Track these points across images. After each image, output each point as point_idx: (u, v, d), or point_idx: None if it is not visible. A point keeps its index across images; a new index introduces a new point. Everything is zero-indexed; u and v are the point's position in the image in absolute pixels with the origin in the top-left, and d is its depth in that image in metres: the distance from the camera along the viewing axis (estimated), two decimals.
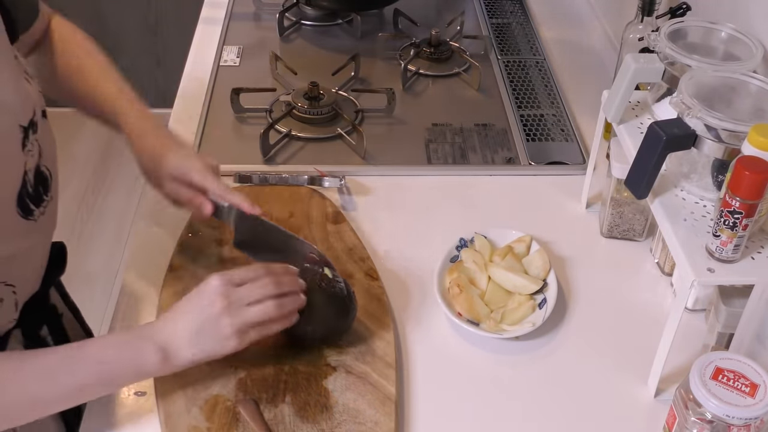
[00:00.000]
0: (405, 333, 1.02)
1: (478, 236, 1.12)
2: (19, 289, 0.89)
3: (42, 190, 0.90)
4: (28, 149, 0.86)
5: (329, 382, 0.93)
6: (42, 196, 0.90)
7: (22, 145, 0.84)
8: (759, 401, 0.79)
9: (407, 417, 0.92)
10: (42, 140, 0.89)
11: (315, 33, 1.69)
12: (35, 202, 0.88)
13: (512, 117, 1.42)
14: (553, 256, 1.12)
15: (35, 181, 0.88)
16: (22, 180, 0.85)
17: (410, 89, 1.51)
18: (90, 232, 2.64)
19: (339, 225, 1.15)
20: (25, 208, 0.86)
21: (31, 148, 0.87)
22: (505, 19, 1.74)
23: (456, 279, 1.05)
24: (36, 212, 0.88)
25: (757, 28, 1.05)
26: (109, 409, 0.92)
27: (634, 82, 1.02)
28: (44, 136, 0.90)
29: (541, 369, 0.99)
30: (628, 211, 1.14)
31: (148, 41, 2.81)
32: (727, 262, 0.86)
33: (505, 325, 1.02)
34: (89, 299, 1.17)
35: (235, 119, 1.40)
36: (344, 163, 1.30)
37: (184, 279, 1.05)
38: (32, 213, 0.88)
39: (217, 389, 0.92)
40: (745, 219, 0.82)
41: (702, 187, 0.95)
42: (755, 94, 0.94)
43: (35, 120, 0.87)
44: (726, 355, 0.83)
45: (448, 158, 1.33)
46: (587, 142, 1.36)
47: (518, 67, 1.57)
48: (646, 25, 1.24)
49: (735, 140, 0.88)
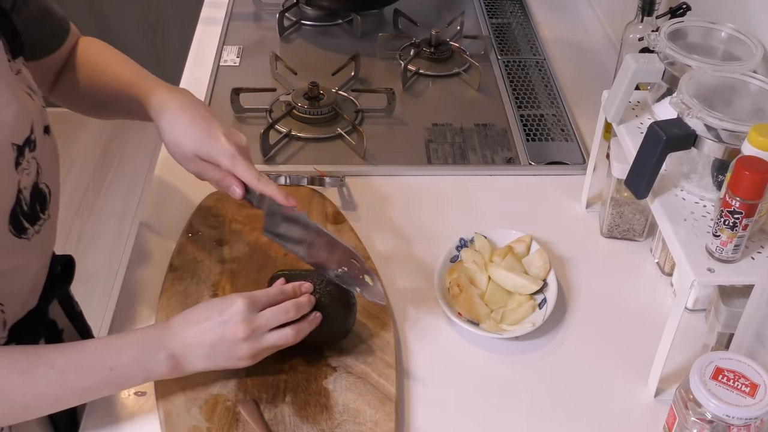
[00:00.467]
0: (405, 333, 1.02)
1: (478, 236, 1.12)
2: (7, 307, 0.87)
3: (39, 208, 0.87)
4: (22, 167, 0.83)
5: (329, 382, 0.93)
6: (38, 215, 0.87)
7: (16, 163, 0.82)
8: (759, 401, 0.79)
9: (407, 417, 0.92)
10: (41, 158, 0.87)
11: (315, 33, 1.69)
12: (30, 221, 0.86)
13: (512, 117, 1.42)
14: (553, 256, 1.12)
15: (31, 199, 0.86)
16: (16, 198, 0.83)
17: (410, 89, 1.51)
18: (90, 232, 2.64)
19: (339, 225, 1.15)
20: (18, 227, 0.84)
21: (27, 166, 0.84)
22: (505, 19, 1.74)
23: (456, 279, 1.05)
24: (30, 231, 0.86)
25: (757, 28, 1.05)
26: (109, 409, 0.92)
27: (634, 82, 1.02)
28: (44, 153, 0.87)
29: (541, 369, 0.99)
30: (628, 211, 1.14)
31: (148, 41, 2.81)
32: (727, 262, 0.86)
33: (505, 325, 1.02)
34: (89, 299, 1.17)
35: (235, 119, 1.40)
36: (344, 163, 1.30)
37: (184, 279, 1.05)
38: (26, 231, 0.85)
39: (217, 389, 0.92)
40: (745, 219, 0.82)
41: (702, 187, 0.95)
42: (755, 94, 0.94)
43: (33, 138, 0.84)
44: (726, 355, 0.83)
45: (448, 158, 1.33)
46: (587, 142, 1.36)
47: (518, 67, 1.57)
48: (646, 25, 1.24)
49: (735, 140, 0.88)
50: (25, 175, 0.84)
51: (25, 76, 0.88)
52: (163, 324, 0.89)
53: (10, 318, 0.88)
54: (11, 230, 0.83)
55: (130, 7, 2.75)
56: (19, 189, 0.83)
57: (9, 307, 0.87)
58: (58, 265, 0.99)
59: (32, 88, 0.88)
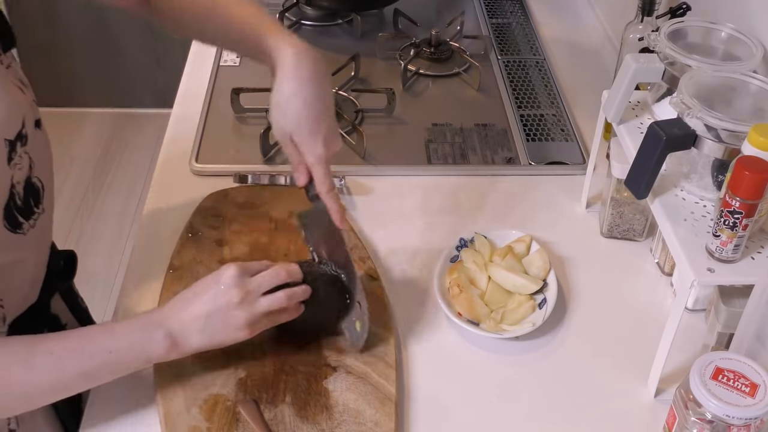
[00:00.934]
0: (405, 333, 1.02)
1: (478, 236, 1.12)
2: (6, 302, 0.87)
3: (33, 202, 0.88)
4: (14, 162, 0.83)
5: (329, 382, 0.93)
6: (32, 209, 0.88)
7: (8, 159, 0.82)
8: (759, 401, 0.79)
9: (407, 417, 0.92)
10: (33, 152, 0.87)
11: (315, 33, 1.69)
12: (25, 215, 0.86)
13: (512, 117, 1.42)
14: (553, 256, 1.12)
15: (25, 194, 0.86)
16: (9, 193, 0.83)
17: (410, 89, 1.51)
18: (90, 232, 2.64)
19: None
20: (12, 222, 0.84)
21: (19, 161, 0.84)
22: (505, 19, 1.74)
23: (456, 279, 1.05)
24: (25, 225, 0.86)
25: (757, 28, 1.05)
26: (109, 408, 0.92)
27: (634, 82, 1.02)
28: (36, 147, 0.87)
29: (541, 369, 0.99)
30: (628, 211, 1.14)
31: (148, 41, 2.81)
32: (727, 262, 0.86)
33: (505, 325, 1.02)
34: (89, 299, 1.17)
35: (235, 119, 1.40)
36: (344, 163, 1.30)
37: (184, 279, 1.05)
38: (21, 226, 0.85)
39: (217, 389, 0.92)
40: (745, 219, 0.82)
41: (702, 187, 0.95)
42: (755, 94, 0.94)
43: (24, 132, 0.84)
44: (726, 355, 0.83)
45: (448, 158, 1.33)
46: (587, 142, 1.36)
47: (518, 67, 1.57)
48: (646, 25, 1.24)
49: (735, 140, 0.88)
50: (17, 170, 0.84)
51: (15, 69, 0.87)
52: (159, 308, 0.90)
53: (9, 313, 0.89)
54: (6, 225, 0.83)
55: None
56: (12, 184, 0.84)
57: (8, 302, 0.88)
58: (60, 260, 0.99)
59: (23, 81, 0.88)
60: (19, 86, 0.86)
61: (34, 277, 0.93)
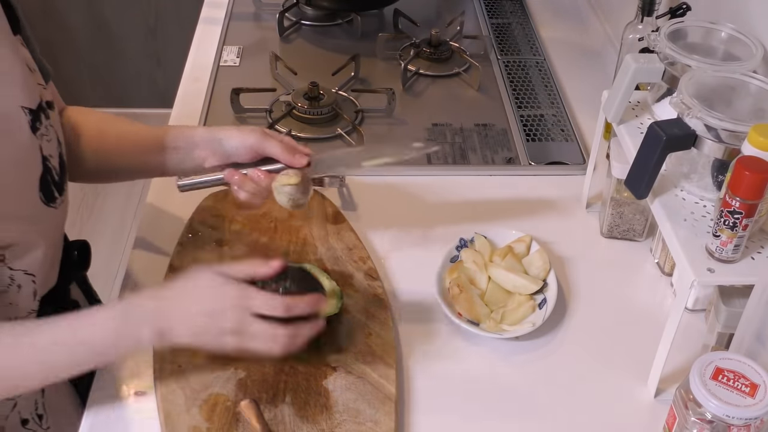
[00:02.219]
0: (405, 333, 1.02)
1: (478, 236, 1.12)
2: (38, 279, 0.89)
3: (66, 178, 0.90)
4: (41, 132, 0.84)
5: (329, 382, 0.93)
6: (64, 185, 0.90)
7: (33, 128, 0.82)
8: (759, 401, 0.79)
9: (407, 417, 0.92)
10: (58, 130, 0.89)
11: (315, 33, 1.69)
12: (59, 190, 0.88)
13: (512, 117, 1.42)
14: (553, 256, 1.12)
15: (61, 169, 0.88)
16: (44, 166, 0.84)
17: (410, 89, 1.51)
18: (90, 233, 2.64)
19: (339, 225, 1.15)
20: (48, 195, 0.86)
21: (46, 132, 0.85)
22: (505, 19, 1.74)
23: (456, 279, 1.05)
24: (58, 200, 0.88)
25: (757, 28, 1.05)
26: (109, 408, 0.92)
27: (634, 82, 1.02)
28: (57, 125, 0.89)
29: (541, 369, 0.99)
30: (628, 211, 1.14)
31: (148, 41, 2.81)
32: (727, 262, 0.86)
33: (505, 325, 1.02)
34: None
35: (235, 119, 1.40)
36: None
37: None
38: (55, 200, 0.87)
39: (217, 389, 0.92)
40: (745, 219, 0.82)
41: (702, 187, 0.95)
42: (755, 94, 0.94)
43: (43, 106, 0.86)
44: (726, 355, 0.83)
45: (448, 158, 1.33)
46: (587, 142, 1.36)
47: (518, 67, 1.57)
48: (646, 25, 1.24)
49: (735, 140, 0.88)
50: (45, 141, 0.85)
51: (24, 54, 0.88)
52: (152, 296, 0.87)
53: (39, 290, 0.90)
54: (41, 197, 0.85)
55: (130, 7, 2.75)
56: (45, 157, 0.84)
57: (39, 279, 0.89)
58: (74, 250, 1.01)
59: (30, 66, 0.88)
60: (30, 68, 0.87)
61: (54, 256, 0.94)
